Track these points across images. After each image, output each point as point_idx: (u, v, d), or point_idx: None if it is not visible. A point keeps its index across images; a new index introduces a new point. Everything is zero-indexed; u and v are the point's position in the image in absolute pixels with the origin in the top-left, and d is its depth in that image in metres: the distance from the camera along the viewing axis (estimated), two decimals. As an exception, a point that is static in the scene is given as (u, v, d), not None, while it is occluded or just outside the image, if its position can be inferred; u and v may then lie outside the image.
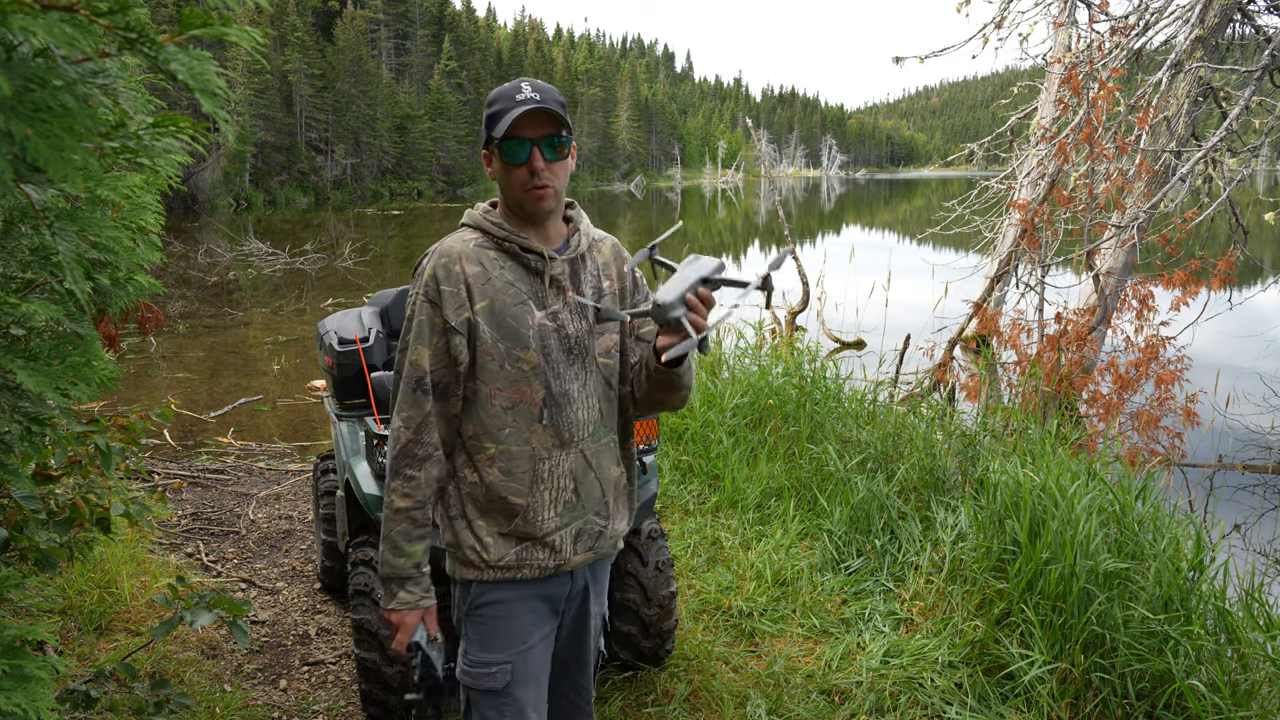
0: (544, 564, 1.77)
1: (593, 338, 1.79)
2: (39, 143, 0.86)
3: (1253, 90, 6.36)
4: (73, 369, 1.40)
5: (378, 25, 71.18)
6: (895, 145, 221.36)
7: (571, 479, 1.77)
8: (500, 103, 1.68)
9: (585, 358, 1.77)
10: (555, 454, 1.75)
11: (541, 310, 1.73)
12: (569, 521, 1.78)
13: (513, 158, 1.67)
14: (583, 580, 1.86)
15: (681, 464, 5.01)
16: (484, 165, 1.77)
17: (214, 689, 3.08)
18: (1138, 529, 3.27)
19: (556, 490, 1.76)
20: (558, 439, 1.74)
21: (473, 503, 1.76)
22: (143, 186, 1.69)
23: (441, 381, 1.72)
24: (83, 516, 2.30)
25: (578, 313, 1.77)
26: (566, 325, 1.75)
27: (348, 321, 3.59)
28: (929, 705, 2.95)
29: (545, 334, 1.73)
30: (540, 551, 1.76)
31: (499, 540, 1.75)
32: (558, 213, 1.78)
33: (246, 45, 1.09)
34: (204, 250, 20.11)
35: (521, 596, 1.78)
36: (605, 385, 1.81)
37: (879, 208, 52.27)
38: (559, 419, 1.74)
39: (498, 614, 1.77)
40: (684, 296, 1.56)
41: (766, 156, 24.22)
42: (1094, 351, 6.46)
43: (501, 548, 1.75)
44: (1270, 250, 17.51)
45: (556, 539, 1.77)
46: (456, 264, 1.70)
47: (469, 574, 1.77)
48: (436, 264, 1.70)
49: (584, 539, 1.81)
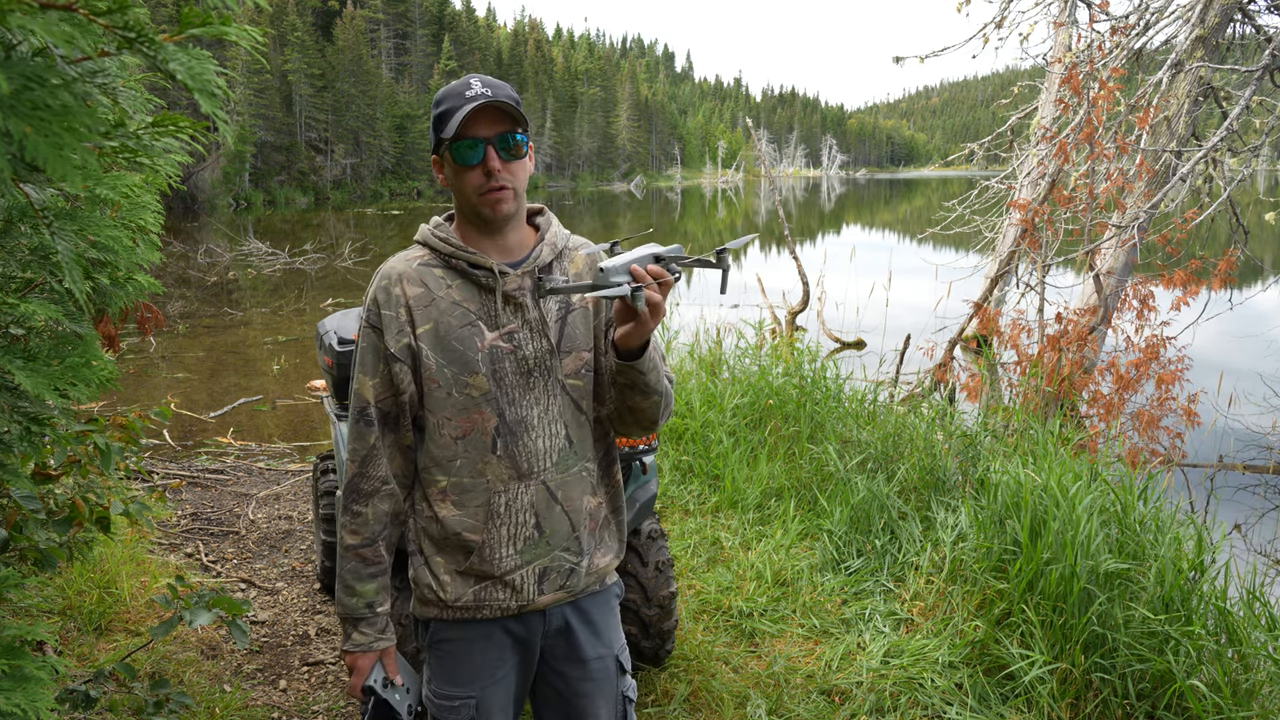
0: (505, 604, 1.64)
1: (557, 358, 1.62)
2: (38, 141, 0.86)
3: (1253, 90, 6.36)
4: (72, 369, 1.40)
5: (377, 25, 71.22)
6: (895, 145, 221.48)
7: (532, 513, 1.61)
8: (449, 101, 1.55)
9: (547, 380, 1.62)
10: (513, 486, 1.60)
11: (494, 331, 1.58)
12: (531, 559, 1.63)
13: (465, 159, 1.53)
14: (559, 620, 1.70)
15: (681, 464, 5.01)
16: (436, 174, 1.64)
17: (214, 689, 3.08)
18: (1139, 529, 3.27)
19: (515, 526, 1.61)
20: (514, 470, 1.60)
21: (429, 539, 1.65)
22: (142, 186, 1.69)
23: (389, 411, 1.61)
24: (82, 516, 2.30)
25: (538, 331, 1.61)
26: (524, 346, 1.60)
27: (347, 321, 3.59)
28: (929, 705, 2.95)
29: (498, 357, 1.58)
30: (500, 591, 1.63)
31: (456, 579, 1.63)
32: (519, 218, 1.63)
33: (246, 44, 1.09)
34: (204, 250, 20.12)
35: (484, 634, 1.66)
36: (574, 409, 1.65)
37: (879, 207, 52.27)
38: (515, 448, 1.59)
39: (457, 650, 1.67)
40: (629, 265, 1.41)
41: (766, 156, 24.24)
42: (1094, 351, 6.46)
43: (459, 587, 1.63)
44: (1270, 250, 17.51)
45: (517, 578, 1.62)
46: (396, 285, 1.58)
47: (428, 612, 1.68)
48: (377, 287, 1.60)
49: (551, 577, 1.65)
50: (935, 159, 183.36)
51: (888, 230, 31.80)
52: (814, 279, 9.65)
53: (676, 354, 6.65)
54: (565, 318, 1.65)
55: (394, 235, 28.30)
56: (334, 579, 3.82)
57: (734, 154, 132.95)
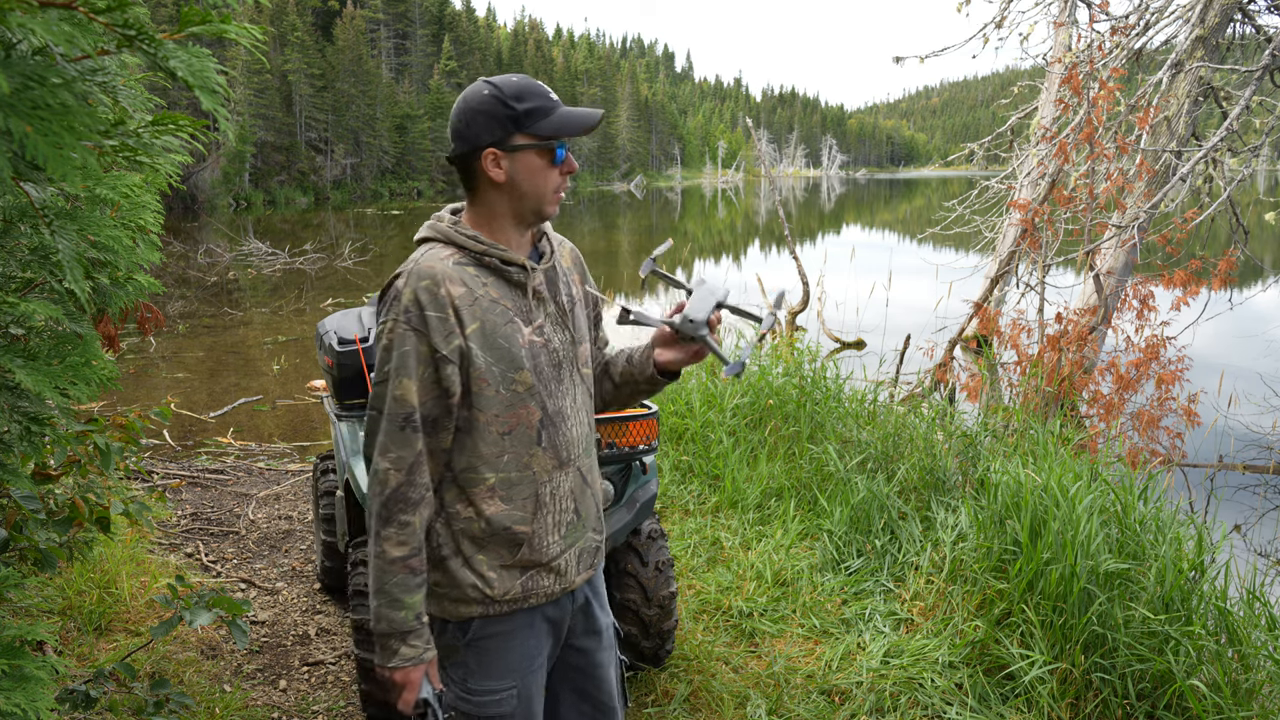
0: (550, 589, 1.70)
1: (574, 348, 1.71)
2: (38, 140, 0.85)
3: (1253, 90, 6.36)
4: (72, 369, 1.40)
5: (378, 25, 71.22)
6: (895, 145, 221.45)
7: (572, 499, 1.70)
8: (533, 99, 1.57)
9: (571, 370, 1.70)
10: (555, 475, 1.67)
11: (529, 326, 1.64)
12: (572, 542, 1.71)
13: (557, 158, 1.59)
14: (582, 597, 1.79)
15: (681, 464, 5.01)
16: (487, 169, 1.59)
17: (214, 689, 3.08)
18: (1139, 529, 3.27)
19: (559, 513, 1.68)
20: (556, 460, 1.67)
21: (468, 539, 1.65)
22: (142, 185, 1.69)
23: (431, 415, 1.59)
24: (82, 516, 2.30)
25: (559, 324, 1.68)
26: (552, 339, 1.66)
27: (347, 321, 3.58)
28: (929, 705, 2.94)
29: (535, 351, 1.63)
30: (546, 578, 1.69)
31: (503, 573, 1.65)
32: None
33: (246, 43, 1.09)
34: (203, 250, 20.12)
35: (527, 623, 1.71)
36: (588, 396, 1.76)
37: (879, 207, 52.28)
38: (556, 439, 1.66)
39: (500, 644, 1.69)
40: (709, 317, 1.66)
41: (766, 156, 24.27)
42: (1094, 351, 6.46)
43: (507, 580, 1.66)
44: (1270, 250, 17.51)
45: (561, 563, 1.70)
46: (441, 286, 1.56)
47: (470, 611, 1.67)
48: (418, 288, 1.56)
49: (584, 557, 1.75)
50: (935, 159, 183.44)
51: (888, 230, 31.80)
52: (814, 279, 9.65)
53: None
54: (573, 310, 1.73)
55: (394, 235, 28.29)
56: (334, 579, 3.83)
57: (734, 154, 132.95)
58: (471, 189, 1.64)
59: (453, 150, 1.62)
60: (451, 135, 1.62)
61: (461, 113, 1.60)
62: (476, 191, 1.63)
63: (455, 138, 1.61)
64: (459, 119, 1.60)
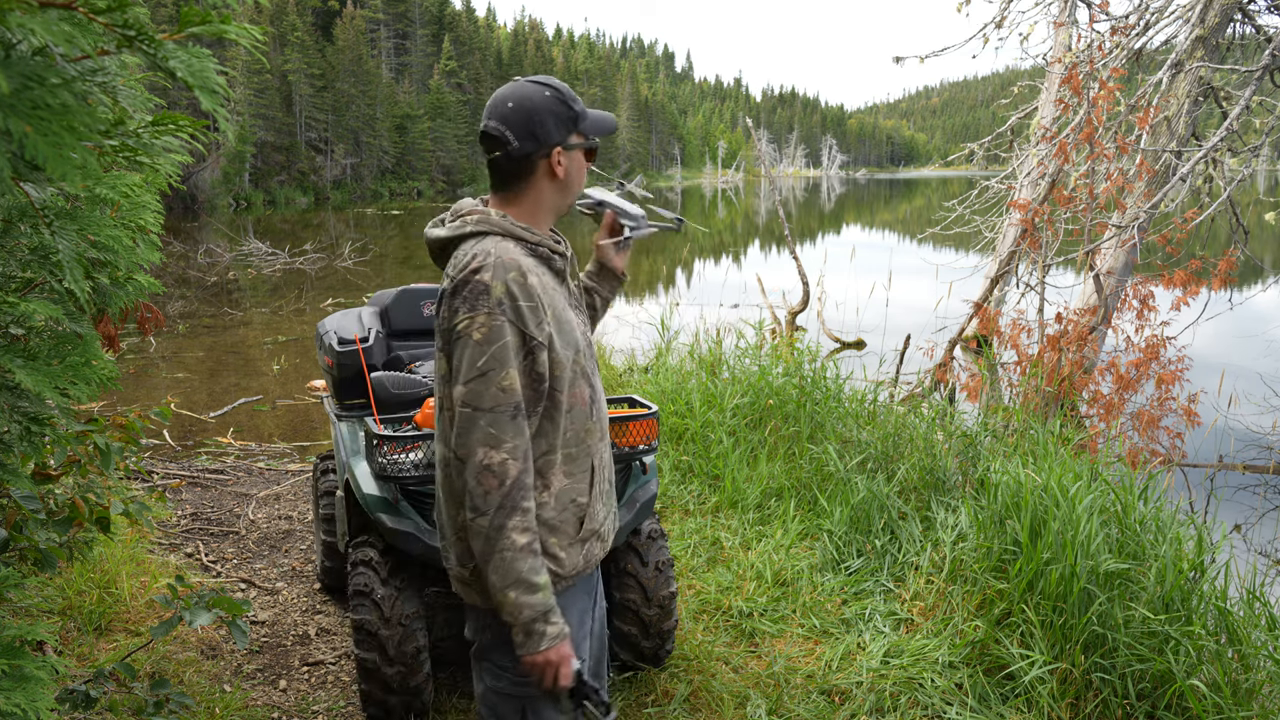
0: (598, 555, 1.81)
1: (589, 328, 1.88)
2: (38, 141, 0.85)
3: (1253, 90, 6.36)
4: (72, 368, 1.40)
5: (377, 25, 71.20)
6: (895, 145, 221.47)
7: (609, 468, 1.84)
8: (580, 101, 1.74)
9: (592, 348, 1.82)
10: (600, 447, 1.79)
11: (575, 310, 1.78)
12: (610, 509, 1.85)
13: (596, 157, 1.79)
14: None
15: (681, 464, 5.01)
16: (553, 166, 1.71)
17: (214, 689, 3.08)
18: (1139, 529, 3.27)
19: (605, 482, 1.81)
20: (600, 432, 1.79)
21: (542, 524, 1.69)
22: (142, 185, 1.69)
23: (526, 401, 1.66)
24: (82, 516, 2.30)
25: (579, 307, 1.83)
26: (583, 322, 1.82)
27: (347, 321, 3.58)
28: (929, 705, 2.94)
29: (584, 333, 1.79)
30: (597, 545, 1.80)
31: (571, 550, 1.73)
32: None
33: (246, 43, 1.09)
34: (204, 250, 20.11)
35: (584, 591, 1.82)
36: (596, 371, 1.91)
37: (879, 207, 52.27)
38: (599, 413, 1.79)
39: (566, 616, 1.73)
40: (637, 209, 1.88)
41: (766, 156, 24.27)
42: (1094, 351, 6.46)
43: (574, 556, 1.74)
44: (1270, 250, 17.51)
45: (605, 528, 1.82)
46: (527, 277, 1.64)
47: None
48: (508, 279, 1.61)
49: (613, 521, 1.88)
50: (935, 159, 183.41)
51: (888, 230, 31.79)
52: (814, 279, 9.65)
53: (676, 354, 6.66)
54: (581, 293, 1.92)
55: (394, 235, 28.29)
56: (334, 579, 3.83)
57: (734, 154, 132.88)
58: (521, 184, 1.72)
59: (515, 148, 1.67)
60: (514, 134, 1.67)
61: (529, 113, 1.66)
62: (528, 187, 1.72)
63: (522, 137, 1.67)
64: (526, 119, 1.66)
